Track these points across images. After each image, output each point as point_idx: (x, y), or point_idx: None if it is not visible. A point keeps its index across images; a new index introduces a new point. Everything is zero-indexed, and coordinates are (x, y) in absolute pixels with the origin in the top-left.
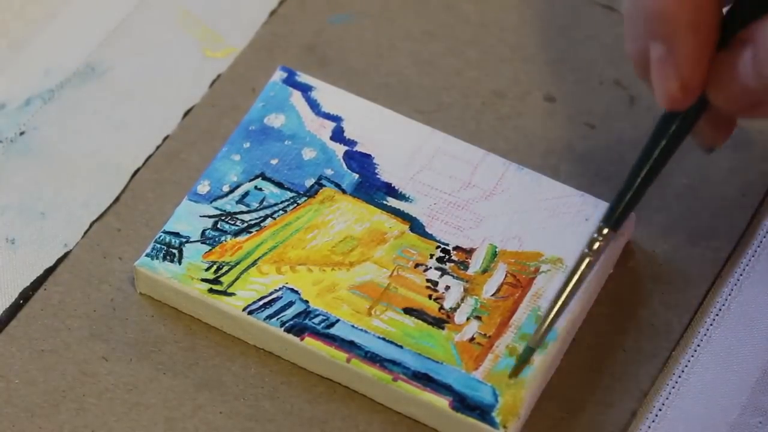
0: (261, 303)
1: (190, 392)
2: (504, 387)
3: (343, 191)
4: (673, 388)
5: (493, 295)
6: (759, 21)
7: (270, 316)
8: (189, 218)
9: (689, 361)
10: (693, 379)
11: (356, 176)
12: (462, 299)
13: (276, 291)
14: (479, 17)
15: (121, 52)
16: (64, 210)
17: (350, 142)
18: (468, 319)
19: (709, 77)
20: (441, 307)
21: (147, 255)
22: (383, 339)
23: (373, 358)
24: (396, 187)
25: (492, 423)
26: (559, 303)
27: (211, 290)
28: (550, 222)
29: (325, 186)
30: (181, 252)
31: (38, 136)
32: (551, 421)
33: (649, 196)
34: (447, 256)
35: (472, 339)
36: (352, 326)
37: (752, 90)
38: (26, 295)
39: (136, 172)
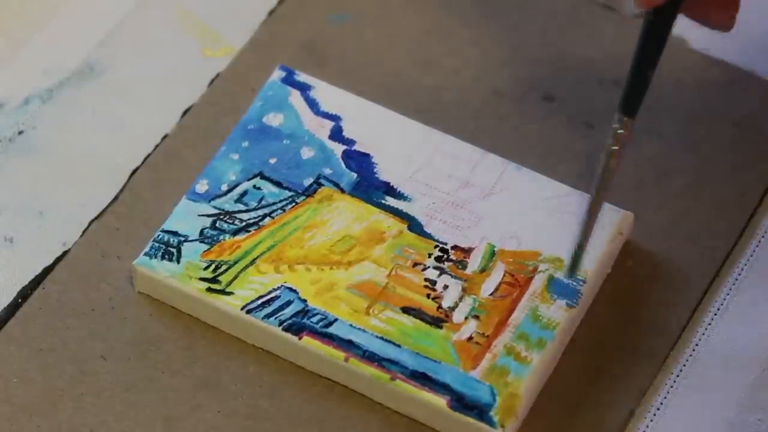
0: (259, 302)
1: (188, 391)
2: (502, 386)
3: (342, 190)
4: (672, 387)
5: (491, 294)
6: None
7: (268, 315)
8: (187, 217)
9: (687, 360)
10: (691, 378)
11: (355, 175)
12: (460, 298)
13: (274, 290)
14: (479, 17)
15: (120, 52)
16: (63, 209)
17: (349, 142)
18: (466, 318)
19: None
20: (439, 307)
21: (145, 254)
22: (381, 338)
23: (371, 358)
24: (394, 187)
25: (490, 422)
26: (596, 194)
27: (209, 289)
28: (549, 221)
29: (323, 185)
30: (179, 251)
31: (37, 136)
32: (549, 421)
33: (648, 196)
34: (445, 256)
35: (470, 338)
36: (351, 325)
37: None
38: (25, 294)
39: (134, 171)
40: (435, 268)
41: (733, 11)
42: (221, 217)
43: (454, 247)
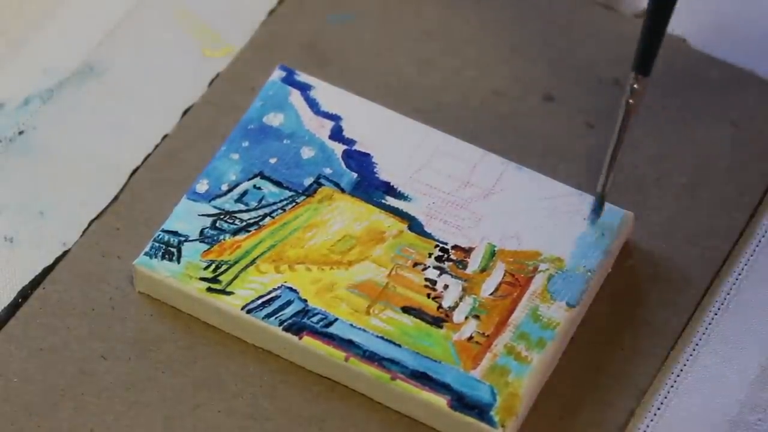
0: (259, 302)
1: (188, 391)
2: (502, 386)
3: (342, 190)
4: (672, 386)
5: (491, 294)
6: None
7: (268, 315)
8: (188, 217)
9: (688, 359)
10: (691, 377)
11: (355, 175)
12: (460, 298)
13: (274, 290)
14: (479, 17)
15: (120, 52)
16: (63, 209)
17: (349, 141)
18: (466, 318)
19: None
20: (439, 306)
21: (146, 254)
22: (382, 338)
23: (371, 357)
24: (395, 186)
25: (490, 422)
26: (613, 147)
27: (209, 289)
28: (549, 221)
29: (323, 185)
30: (179, 251)
31: (37, 136)
32: (549, 420)
33: (648, 196)
34: (446, 255)
35: (470, 338)
36: (351, 325)
37: None
38: (25, 294)
39: (134, 171)
40: (435, 267)
41: None
42: (221, 216)
43: (455, 247)
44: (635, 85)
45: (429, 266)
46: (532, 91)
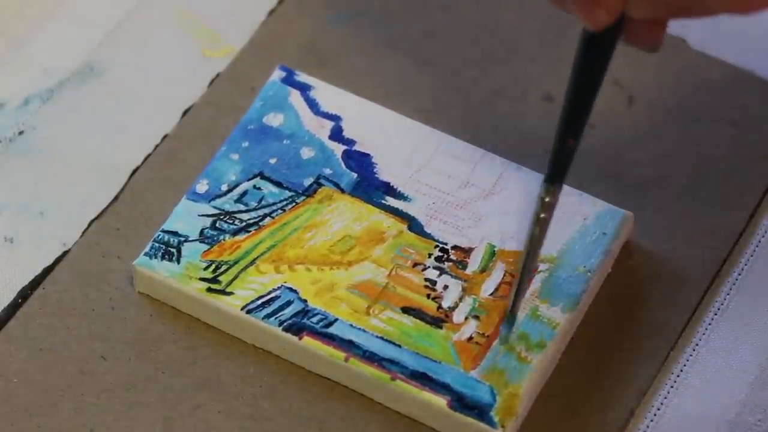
0: (259, 302)
1: (188, 391)
2: (502, 386)
3: (342, 190)
4: (672, 387)
5: (491, 294)
6: None
7: (268, 315)
8: (188, 217)
9: (688, 360)
10: (691, 378)
11: (355, 175)
12: (460, 298)
13: (274, 290)
14: (478, 17)
15: (120, 52)
16: (63, 209)
17: (349, 142)
18: (466, 318)
19: None
20: (439, 307)
21: (146, 254)
22: (381, 338)
23: (371, 358)
24: (395, 187)
25: (490, 422)
26: (523, 266)
27: (209, 289)
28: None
29: (323, 185)
30: (179, 251)
31: (37, 136)
32: (549, 421)
33: (648, 196)
34: (445, 256)
35: (470, 338)
36: (351, 325)
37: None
38: (25, 294)
39: (134, 171)
40: (435, 268)
41: (660, 34)
42: (221, 217)
43: (455, 247)
44: (547, 198)
45: (429, 266)
46: (532, 91)
